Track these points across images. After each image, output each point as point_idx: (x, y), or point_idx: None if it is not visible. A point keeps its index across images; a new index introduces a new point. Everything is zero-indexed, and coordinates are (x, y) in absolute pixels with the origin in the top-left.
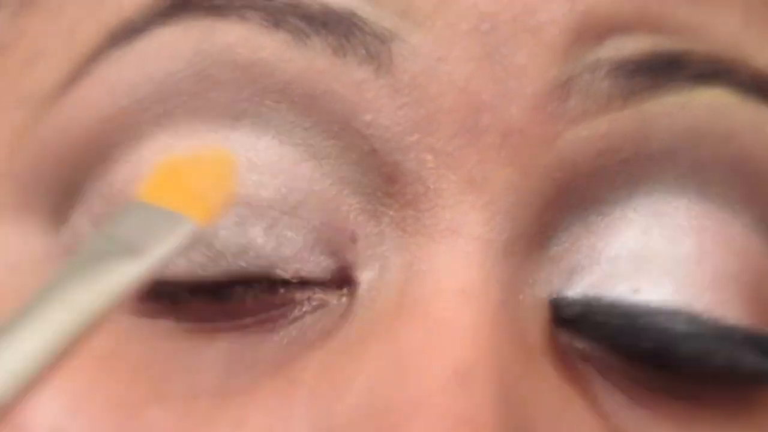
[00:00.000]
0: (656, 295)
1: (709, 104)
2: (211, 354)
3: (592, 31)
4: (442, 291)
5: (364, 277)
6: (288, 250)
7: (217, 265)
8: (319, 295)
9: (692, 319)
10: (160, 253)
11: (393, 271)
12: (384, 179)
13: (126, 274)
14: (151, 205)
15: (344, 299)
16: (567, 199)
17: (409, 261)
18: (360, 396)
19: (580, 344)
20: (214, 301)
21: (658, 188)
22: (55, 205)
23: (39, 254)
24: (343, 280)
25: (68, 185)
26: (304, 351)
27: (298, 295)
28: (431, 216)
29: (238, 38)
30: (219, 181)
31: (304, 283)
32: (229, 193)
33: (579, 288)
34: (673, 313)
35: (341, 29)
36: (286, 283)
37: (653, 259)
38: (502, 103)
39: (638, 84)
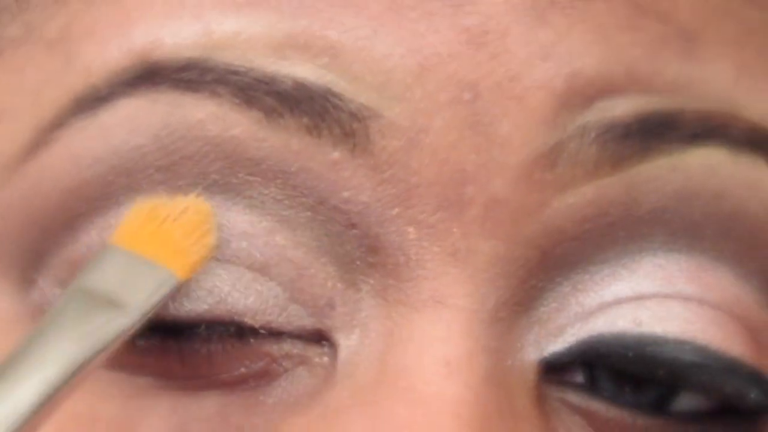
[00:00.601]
0: (659, 328)
1: (701, 164)
2: (196, 412)
3: (580, 95)
4: (426, 363)
5: (344, 342)
6: (257, 302)
7: (181, 307)
8: (298, 351)
9: (700, 349)
10: (144, 307)
11: (374, 339)
12: (364, 250)
13: (112, 327)
14: (131, 254)
15: (326, 359)
16: (553, 263)
17: (390, 329)
18: None
19: (572, 396)
20: (184, 349)
21: (648, 247)
22: (22, 269)
23: (8, 314)
24: (321, 338)
25: (33, 251)
26: (289, 415)
27: (275, 348)
28: (413, 286)
29: (208, 115)
30: (198, 233)
31: (279, 335)
32: (209, 247)
33: (572, 340)
34: (680, 343)
35: (315, 108)
36: (255, 333)
37: (651, 300)
38: (486, 175)
39: (628, 148)
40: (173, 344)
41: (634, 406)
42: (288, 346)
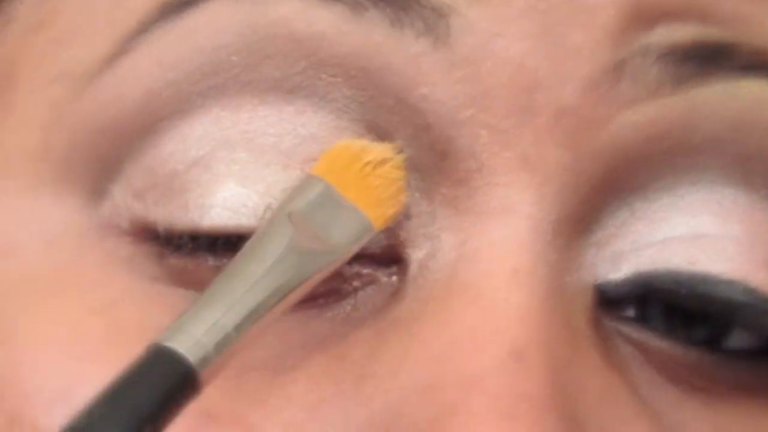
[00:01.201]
0: (712, 268)
1: (755, 96)
2: (261, 330)
3: (644, 16)
4: (494, 271)
5: (415, 255)
6: None
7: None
8: (368, 271)
9: (750, 291)
10: (346, 251)
11: (444, 251)
12: (437, 155)
13: (316, 264)
14: (336, 192)
15: (394, 278)
16: (614, 184)
17: (462, 240)
18: (413, 374)
19: (624, 328)
20: None
21: (704, 178)
22: (93, 180)
23: (77, 229)
24: (392, 258)
25: (109, 159)
26: (354, 329)
27: (347, 269)
28: (483, 194)
29: (292, 11)
30: (395, 187)
31: (353, 258)
32: (402, 203)
33: (627, 270)
34: (731, 284)
35: (399, 2)
36: None
37: (705, 239)
38: (557, 83)
39: (686, 71)
40: None
41: (685, 341)
42: (358, 266)
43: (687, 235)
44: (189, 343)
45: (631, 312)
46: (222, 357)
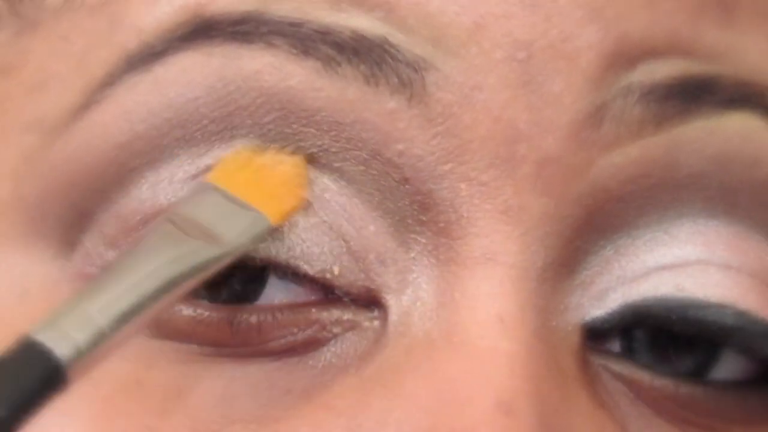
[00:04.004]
0: (701, 294)
1: (738, 129)
2: (244, 379)
3: (626, 56)
4: (479, 319)
5: (395, 302)
6: (312, 248)
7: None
8: (348, 316)
9: (740, 313)
10: (236, 243)
11: (426, 299)
12: (416, 207)
13: (204, 255)
14: (226, 192)
15: (376, 323)
16: (597, 225)
17: (443, 288)
18: (401, 427)
19: (612, 364)
20: (234, 319)
21: (687, 212)
22: (65, 230)
23: (49, 279)
24: (371, 301)
25: (80, 209)
26: (339, 377)
27: (325, 315)
28: (465, 244)
29: (264, 65)
30: (293, 184)
31: (329, 296)
32: (301, 198)
33: (613, 303)
34: (721, 307)
35: (373, 57)
36: (309, 304)
37: (691, 267)
38: (538, 133)
39: (669, 109)
40: (224, 315)
41: (673, 375)
42: (338, 312)
43: (673, 263)
44: (58, 337)
45: (617, 347)
46: (95, 352)
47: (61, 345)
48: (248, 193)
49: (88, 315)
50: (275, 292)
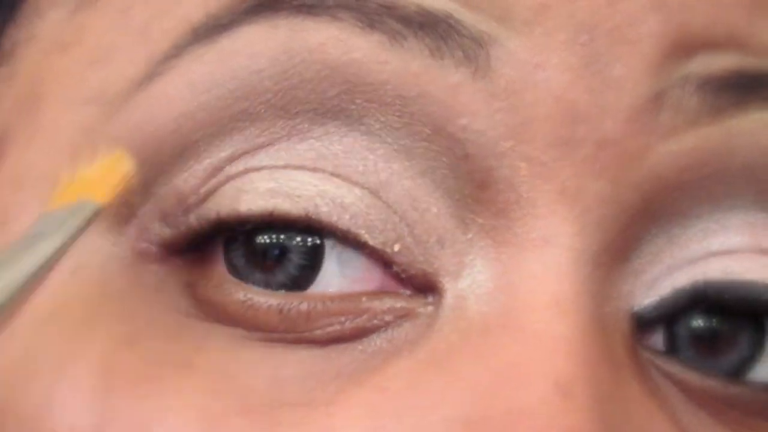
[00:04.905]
0: (749, 276)
1: None
2: (293, 364)
3: (685, 46)
4: (536, 303)
5: (452, 285)
6: (376, 221)
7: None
8: (401, 304)
9: None
10: (68, 228)
11: (482, 281)
12: (475, 185)
13: (42, 250)
14: (57, 208)
15: (430, 308)
16: (652, 213)
17: (500, 271)
18: (456, 408)
19: (656, 360)
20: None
21: (740, 204)
22: (121, 203)
23: (103, 253)
24: (427, 287)
25: (139, 183)
26: (391, 360)
27: (377, 303)
28: (522, 225)
29: (329, 38)
30: (109, 168)
31: (384, 293)
32: (122, 171)
33: (662, 291)
34: (767, 286)
35: (439, 31)
36: (361, 294)
37: (738, 253)
38: (598, 115)
39: (725, 100)
40: (274, 301)
41: (718, 374)
42: (391, 301)
43: (720, 250)
44: None
45: (660, 344)
46: None
47: None
48: (72, 195)
49: None
50: (331, 278)
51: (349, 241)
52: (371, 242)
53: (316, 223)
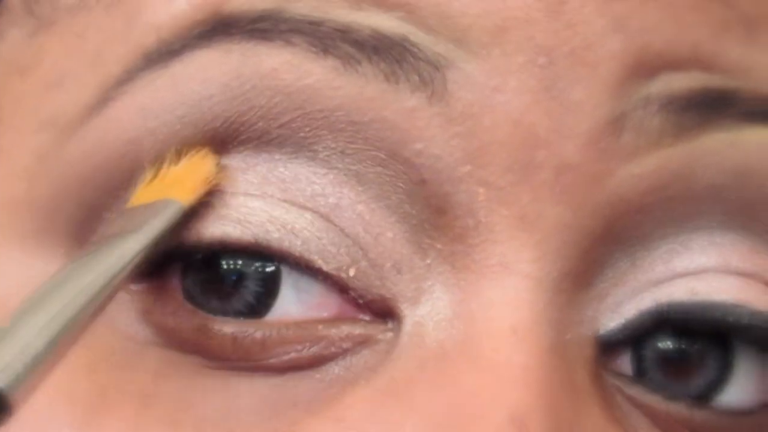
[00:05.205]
0: (716, 297)
1: (757, 142)
2: (249, 393)
3: (646, 67)
4: (493, 331)
5: (410, 311)
6: (329, 246)
7: (247, 231)
8: (360, 331)
9: (754, 314)
10: (154, 227)
11: (441, 308)
12: (432, 211)
13: (126, 248)
14: (139, 205)
15: (389, 335)
16: (614, 236)
17: (459, 298)
18: None
19: (622, 385)
20: (238, 333)
21: (704, 225)
22: (76, 228)
23: None
24: (387, 312)
25: (91, 207)
26: (349, 389)
27: (333, 332)
28: (481, 251)
29: (282, 63)
30: (195, 167)
31: (340, 320)
32: (206, 174)
33: (627, 313)
34: (736, 307)
35: (394, 54)
36: (317, 321)
37: (705, 274)
38: (558, 139)
39: (688, 120)
40: (229, 329)
41: (685, 398)
42: (348, 328)
43: (686, 271)
44: None
45: (627, 367)
46: (34, 375)
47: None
48: (155, 194)
49: (24, 341)
50: (289, 305)
51: (303, 266)
52: (325, 267)
53: (267, 250)
